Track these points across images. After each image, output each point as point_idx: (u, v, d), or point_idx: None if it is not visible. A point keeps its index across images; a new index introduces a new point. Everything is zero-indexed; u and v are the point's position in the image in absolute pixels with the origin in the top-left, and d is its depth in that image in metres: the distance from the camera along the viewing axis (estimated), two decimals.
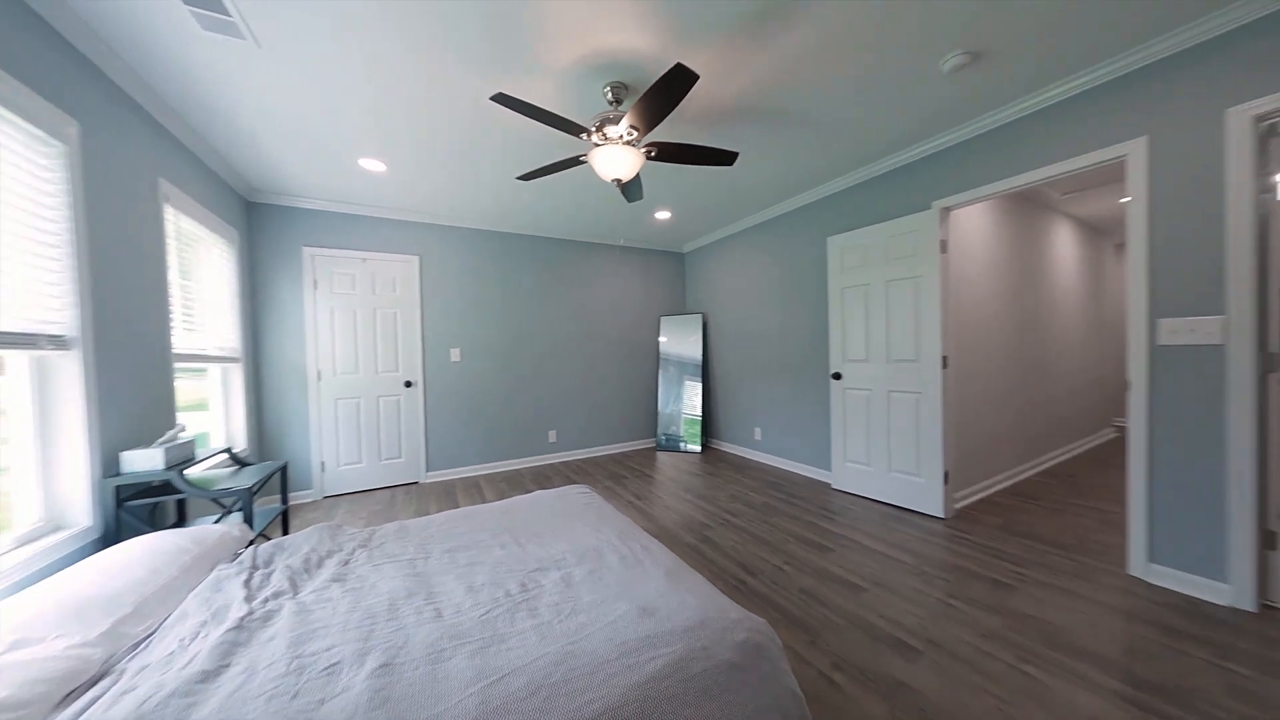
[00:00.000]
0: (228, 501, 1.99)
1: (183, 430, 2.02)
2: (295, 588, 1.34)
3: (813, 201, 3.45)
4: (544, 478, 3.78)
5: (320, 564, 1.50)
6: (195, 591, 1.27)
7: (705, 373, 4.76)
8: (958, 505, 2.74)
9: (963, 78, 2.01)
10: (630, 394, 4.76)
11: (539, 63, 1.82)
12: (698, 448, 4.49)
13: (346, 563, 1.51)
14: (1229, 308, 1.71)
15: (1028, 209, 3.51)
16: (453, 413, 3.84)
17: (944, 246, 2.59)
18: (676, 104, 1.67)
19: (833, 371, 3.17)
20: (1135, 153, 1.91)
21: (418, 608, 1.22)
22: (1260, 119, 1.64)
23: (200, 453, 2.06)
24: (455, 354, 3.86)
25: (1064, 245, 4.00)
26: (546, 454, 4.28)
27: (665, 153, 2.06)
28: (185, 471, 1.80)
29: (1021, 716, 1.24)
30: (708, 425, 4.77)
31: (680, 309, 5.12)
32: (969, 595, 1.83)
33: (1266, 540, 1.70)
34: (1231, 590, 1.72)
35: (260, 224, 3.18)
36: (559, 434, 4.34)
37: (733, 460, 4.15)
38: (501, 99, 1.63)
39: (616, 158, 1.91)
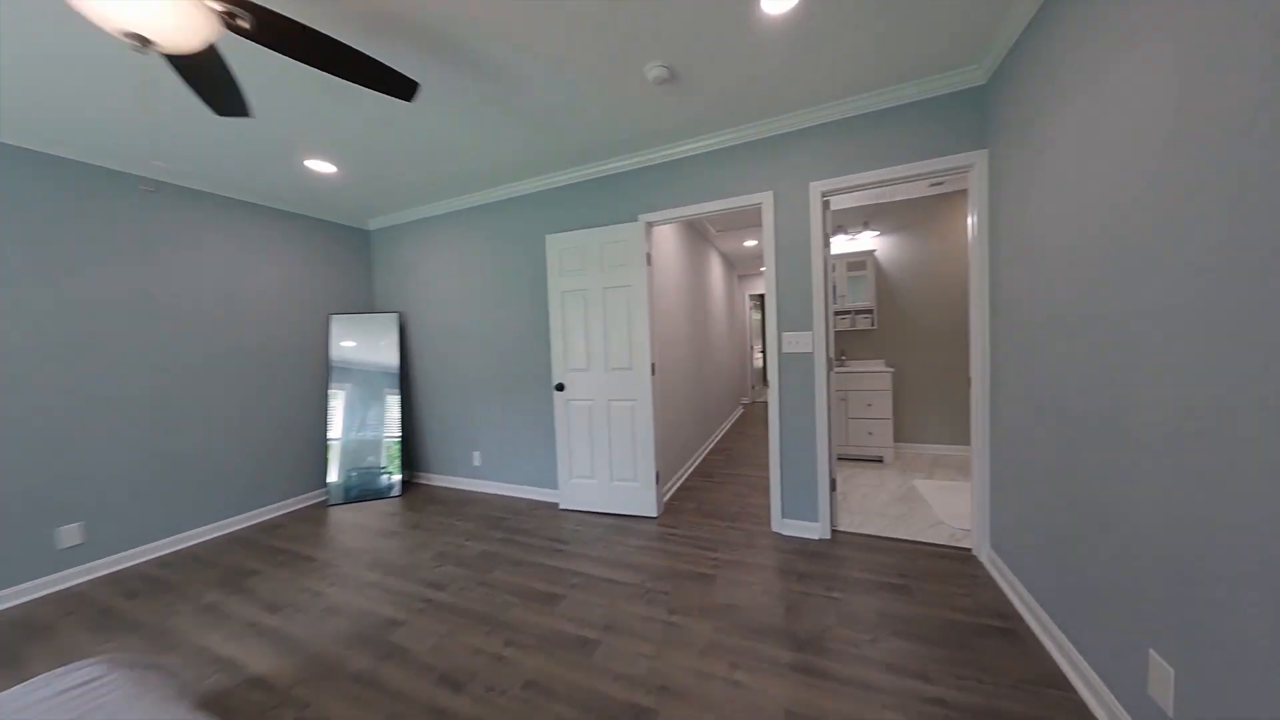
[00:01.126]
0: None
1: None
2: None
3: (530, 193, 3.09)
4: (41, 627, 1.90)
5: None
6: None
7: (405, 391, 3.72)
8: (665, 499, 3.00)
9: (663, 97, 2.04)
10: (276, 433, 3.16)
11: None
12: (397, 485, 3.43)
13: None
14: (814, 326, 2.38)
15: (696, 237, 4.34)
16: None
17: (649, 259, 2.72)
18: None
19: (556, 383, 2.92)
20: (766, 202, 2.43)
21: None
22: (824, 194, 2.34)
23: None
24: None
25: (715, 269, 5.25)
26: (59, 570, 2.23)
27: (285, 38, 1.16)
28: None
29: None
30: (412, 457, 3.75)
31: (367, 302, 3.82)
32: (684, 604, 1.87)
33: (832, 485, 2.49)
34: (819, 526, 2.43)
35: None
36: (92, 526, 2.35)
37: (446, 497, 3.35)
38: None
39: None
